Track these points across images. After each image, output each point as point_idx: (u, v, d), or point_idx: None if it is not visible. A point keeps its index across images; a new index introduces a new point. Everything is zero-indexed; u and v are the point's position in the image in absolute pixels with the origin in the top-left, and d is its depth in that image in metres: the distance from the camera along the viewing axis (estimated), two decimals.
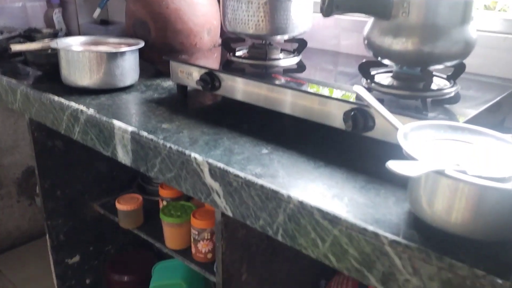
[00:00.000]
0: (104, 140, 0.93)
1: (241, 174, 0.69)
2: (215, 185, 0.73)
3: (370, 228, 0.55)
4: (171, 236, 1.19)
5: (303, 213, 0.62)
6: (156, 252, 1.55)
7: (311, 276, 1.07)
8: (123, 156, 0.90)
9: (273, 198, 0.65)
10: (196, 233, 1.11)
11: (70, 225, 1.39)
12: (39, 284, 1.73)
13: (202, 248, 1.12)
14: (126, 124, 0.88)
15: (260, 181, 0.67)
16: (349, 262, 0.58)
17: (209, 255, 1.13)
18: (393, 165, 0.46)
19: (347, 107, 0.75)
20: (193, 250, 1.14)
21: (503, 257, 0.49)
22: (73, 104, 0.99)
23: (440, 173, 0.49)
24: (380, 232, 0.54)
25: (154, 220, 1.30)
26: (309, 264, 1.06)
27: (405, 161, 0.48)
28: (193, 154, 0.76)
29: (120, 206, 1.27)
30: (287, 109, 0.84)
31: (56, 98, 1.04)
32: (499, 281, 0.46)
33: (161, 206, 1.27)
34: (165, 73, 1.26)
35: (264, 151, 0.79)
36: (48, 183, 1.31)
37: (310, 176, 0.70)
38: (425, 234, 0.54)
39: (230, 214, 0.73)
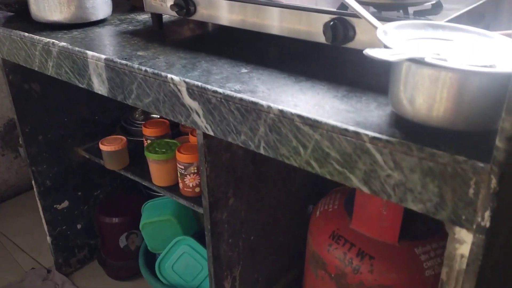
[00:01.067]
0: (79, 71, 0.90)
1: (220, 90, 0.67)
2: (194, 104, 0.72)
3: (351, 128, 0.54)
4: (158, 173, 1.18)
5: (284, 121, 0.60)
6: (145, 194, 1.55)
7: (298, 201, 1.08)
8: (99, 86, 0.88)
9: (253, 110, 0.64)
10: (182, 167, 1.11)
11: (56, 171, 1.38)
12: (32, 233, 1.73)
13: (189, 182, 1.12)
14: (100, 54, 0.85)
15: (239, 95, 0.65)
16: (331, 166, 0.58)
17: (197, 189, 1.13)
18: (371, 51, 0.45)
19: (326, 18, 0.72)
20: (181, 185, 1.14)
21: (483, 145, 0.49)
22: (44, 38, 0.95)
23: (420, 62, 0.48)
24: (361, 130, 0.53)
25: (140, 161, 1.29)
26: (296, 190, 1.06)
27: (383, 48, 0.46)
28: (169, 75, 0.74)
29: (104, 147, 1.25)
30: (265, 28, 0.81)
31: (26, 34, 0.99)
32: (481, 164, 0.45)
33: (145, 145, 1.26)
34: (140, 8, 1.21)
35: (244, 70, 0.77)
36: (28, 128, 1.28)
37: (290, 90, 0.68)
38: (406, 130, 0.53)
39: (211, 133, 0.72)
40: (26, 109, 1.26)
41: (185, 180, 1.12)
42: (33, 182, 1.34)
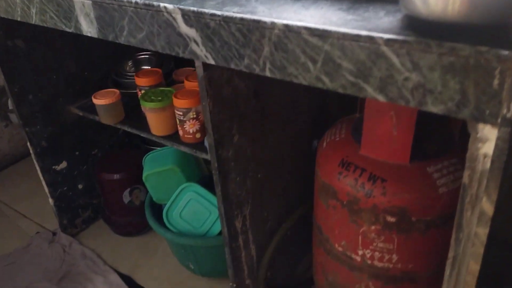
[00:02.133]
0: (64, 14, 0.85)
1: (218, 12, 0.63)
2: (191, 32, 0.68)
3: (364, 33, 0.51)
4: (156, 123, 1.15)
5: (290, 36, 0.57)
6: (144, 149, 1.52)
7: (303, 137, 1.06)
8: (88, 28, 0.83)
9: (255, 29, 0.60)
10: (181, 114, 1.08)
11: (50, 131, 1.34)
12: (32, 199, 1.72)
13: (189, 128, 1.09)
14: None
15: (239, 15, 0.62)
16: (344, 78, 0.55)
17: (198, 135, 1.10)
18: None
19: None
20: (181, 132, 1.11)
21: (503, 36, 0.46)
22: None
23: None
24: (375, 34, 0.51)
25: (135, 113, 1.26)
26: (300, 126, 1.04)
27: None
28: (162, 4, 0.69)
29: (98, 101, 1.22)
30: None
31: None
32: (505, 52, 0.43)
33: (139, 96, 1.22)
34: None
35: None
36: (17, 88, 1.23)
37: (291, 8, 0.64)
38: (421, 29, 0.50)
39: (211, 61, 0.68)
40: (13, 67, 1.21)
41: (184, 126, 1.09)
42: (28, 143, 1.31)
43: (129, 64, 1.41)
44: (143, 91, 1.21)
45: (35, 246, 1.48)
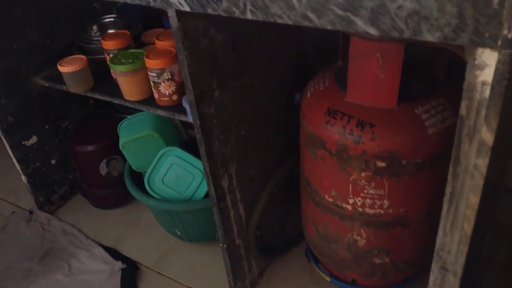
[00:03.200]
0: None
1: None
2: None
3: None
4: (128, 87, 1.10)
5: None
6: (117, 118, 1.47)
7: (284, 91, 1.03)
8: None
9: None
10: (155, 75, 1.03)
11: (16, 105, 1.27)
12: (5, 176, 1.64)
13: (165, 90, 1.05)
14: None
15: None
16: (332, 13, 0.52)
17: (175, 97, 1.06)
18: None
19: None
20: (156, 95, 1.06)
21: None
22: None
23: None
24: None
25: (105, 80, 1.20)
26: (280, 79, 1.01)
27: None
28: None
29: (64, 68, 1.15)
30: None
31: None
32: None
33: (108, 61, 1.16)
34: None
35: None
36: None
37: None
38: None
39: (186, 8, 0.64)
40: None
41: (159, 88, 1.05)
42: None
43: (94, 29, 1.33)
44: (111, 55, 1.15)
45: (12, 227, 1.43)
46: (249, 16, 0.59)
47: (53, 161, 1.42)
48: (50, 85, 1.26)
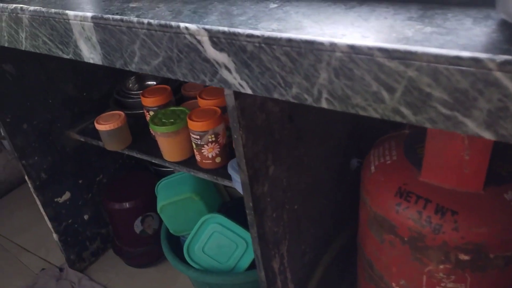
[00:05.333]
0: (60, 39, 0.72)
1: (257, 33, 0.51)
2: (221, 57, 0.55)
3: (466, 54, 0.39)
4: (169, 148, 1.03)
5: (358, 60, 0.45)
6: (153, 172, 1.40)
7: (338, 156, 0.94)
8: (90, 53, 0.70)
9: (308, 52, 0.48)
10: (198, 137, 0.95)
11: (50, 161, 1.21)
12: (34, 230, 1.59)
13: (208, 153, 0.97)
14: (83, 12, 0.67)
15: (286, 35, 0.49)
16: (434, 110, 0.43)
17: (218, 159, 0.98)
18: None
19: None
20: (198, 157, 0.99)
21: None
22: (9, 5, 0.76)
23: None
24: (483, 56, 0.38)
25: (143, 136, 1.14)
26: (334, 144, 0.92)
27: None
28: (183, 24, 0.57)
29: (101, 126, 1.09)
30: None
31: None
32: None
33: (148, 118, 1.10)
34: None
35: (273, 5, 0.60)
36: (9, 117, 1.10)
37: (345, 19, 0.52)
38: None
39: (248, 91, 0.56)
40: (2, 95, 1.08)
41: (202, 151, 0.97)
42: (26, 177, 1.18)
43: (132, 80, 1.28)
44: (151, 113, 1.08)
45: (42, 285, 1.36)
46: (324, 104, 0.50)
47: (85, 217, 1.35)
48: (86, 140, 1.20)
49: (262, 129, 0.69)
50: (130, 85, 1.27)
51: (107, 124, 1.09)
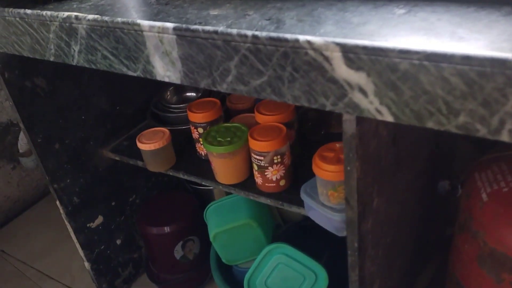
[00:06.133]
0: (127, 53, 0.61)
1: (416, 48, 0.41)
2: (356, 77, 0.45)
3: None
4: (225, 170, 0.92)
5: None
6: (190, 190, 1.29)
7: (424, 179, 0.84)
8: (166, 71, 0.59)
9: (497, 72, 0.38)
10: (261, 158, 0.85)
11: (82, 183, 1.10)
12: (56, 252, 1.47)
13: (272, 175, 0.86)
14: (161, 22, 0.56)
15: (460, 51, 0.39)
16: None
17: (282, 182, 0.88)
18: None
19: None
20: (259, 180, 0.88)
21: None
22: (62, 13, 0.65)
23: None
24: None
25: (188, 154, 1.03)
26: (422, 165, 0.82)
27: None
28: (303, 37, 0.46)
29: (145, 145, 0.98)
30: None
31: (29, 11, 0.69)
32: None
33: (195, 135, 0.99)
34: None
35: (400, 11, 0.50)
36: (40, 137, 0.99)
37: (508, 27, 0.42)
38: None
39: (389, 118, 0.46)
40: (33, 113, 0.96)
41: (265, 173, 0.87)
42: (57, 203, 1.06)
43: (170, 91, 1.17)
44: (200, 130, 0.98)
45: None
46: (506, 137, 0.40)
47: (118, 241, 1.24)
48: (121, 159, 1.09)
49: (372, 157, 0.59)
50: (168, 96, 1.16)
51: (151, 143, 0.98)
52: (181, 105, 1.10)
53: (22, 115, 0.94)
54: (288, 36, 0.47)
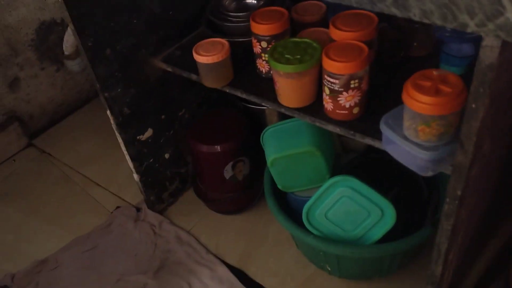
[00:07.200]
0: None
1: None
2: None
3: None
4: (291, 91, 0.83)
5: None
6: (241, 107, 1.21)
7: None
8: None
9: None
10: (336, 81, 0.75)
11: (133, 93, 1.03)
12: (103, 159, 1.46)
13: (346, 101, 0.77)
14: None
15: None
16: None
17: (356, 110, 0.79)
18: None
19: None
20: (329, 106, 0.79)
21: None
22: None
23: None
24: None
25: (246, 70, 0.94)
26: None
27: None
28: None
29: (203, 58, 0.89)
30: None
31: None
32: None
33: (257, 49, 0.88)
34: None
35: None
36: (91, 41, 0.90)
37: None
38: None
39: None
40: (84, 13, 0.87)
41: (338, 99, 0.77)
42: (108, 112, 1.01)
43: None
44: (263, 43, 0.87)
45: (118, 225, 1.24)
46: None
47: (166, 155, 1.20)
48: (174, 71, 1.01)
49: (499, 93, 0.48)
50: (227, 3, 1.04)
51: (209, 56, 0.88)
52: (242, 14, 0.98)
53: (72, 14, 0.85)
54: None
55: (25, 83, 1.50)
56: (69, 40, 1.41)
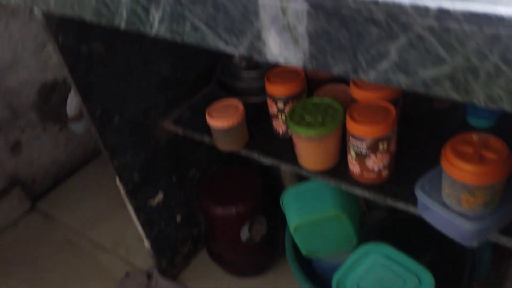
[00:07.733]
0: (229, 25, 0.46)
1: None
2: None
3: None
4: (312, 154, 0.79)
5: None
6: (257, 165, 1.16)
7: None
8: (283, 49, 0.44)
9: None
10: (364, 145, 0.71)
11: (143, 158, 0.99)
12: (109, 221, 1.40)
13: (374, 164, 0.73)
14: None
15: None
16: None
17: (385, 173, 0.74)
18: None
19: None
20: (356, 169, 0.75)
21: None
22: None
23: None
24: None
25: (261, 130, 0.90)
26: None
27: None
28: None
29: (217, 122, 0.85)
30: None
31: None
32: None
33: (273, 109, 0.85)
34: None
35: None
36: (99, 110, 0.86)
37: None
38: None
39: None
40: (91, 82, 0.84)
41: (366, 162, 0.72)
42: (117, 180, 0.96)
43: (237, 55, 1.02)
44: (279, 104, 0.83)
45: None
46: None
47: (178, 218, 1.14)
48: (186, 133, 0.97)
49: None
50: (237, 60, 1.01)
51: (223, 120, 0.84)
52: (254, 71, 0.95)
53: (79, 85, 0.82)
54: (504, 11, 0.31)
55: (27, 146, 1.46)
56: (73, 102, 1.37)
